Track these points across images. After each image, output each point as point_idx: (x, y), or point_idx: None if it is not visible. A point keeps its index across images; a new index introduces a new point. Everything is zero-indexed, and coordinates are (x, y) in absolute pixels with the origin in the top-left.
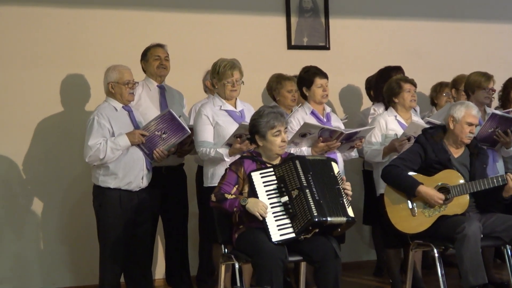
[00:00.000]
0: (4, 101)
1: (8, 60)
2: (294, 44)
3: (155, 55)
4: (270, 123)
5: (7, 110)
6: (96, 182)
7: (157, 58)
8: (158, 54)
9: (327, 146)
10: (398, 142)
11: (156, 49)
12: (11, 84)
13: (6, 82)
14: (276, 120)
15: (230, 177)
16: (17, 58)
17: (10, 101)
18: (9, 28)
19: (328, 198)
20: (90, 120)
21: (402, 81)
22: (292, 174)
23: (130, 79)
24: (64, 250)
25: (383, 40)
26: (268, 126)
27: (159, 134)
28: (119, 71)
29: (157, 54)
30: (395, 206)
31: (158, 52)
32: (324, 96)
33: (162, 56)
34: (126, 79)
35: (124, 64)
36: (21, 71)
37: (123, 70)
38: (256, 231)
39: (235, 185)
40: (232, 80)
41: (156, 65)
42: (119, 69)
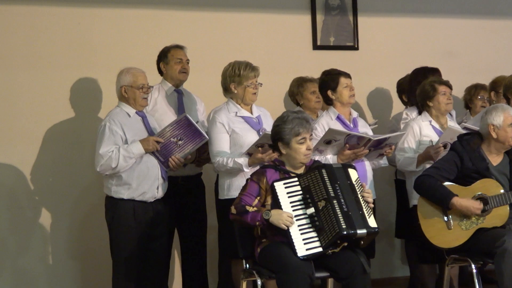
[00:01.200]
0: (11, 107)
1: (14, 63)
2: (320, 44)
3: (177, 58)
4: (294, 129)
5: (13, 116)
6: (108, 192)
7: (179, 61)
8: (180, 57)
9: (354, 153)
10: (433, 150)
11: (177, 51)
12: (17, 89)
13: (12, 86)
14: (301, 127)
15: (252, 188)
16: (24, 61)
17: (16, 106)
18: (15, 28)
19: (354, 209)
20: (101, 127)
21: (437, 83)
22: (319, 184)
23: (145, 83)
24: (74, 265)
25: (416, 40)
26: (293, 133)
27: (175, 140)
28: (133, 74)
29: (179, 57)
30: (429, 219)
31: (180, 54)
32: (352, 96)
33: (184, 60)
34: (140, 83)
35: (138, 67)
36: (28, 75)
37: (137, 73)
38: (281, 245)
39: (257, 196)
40: (253, 82)
41: (178, 69)
42: (133, 72)
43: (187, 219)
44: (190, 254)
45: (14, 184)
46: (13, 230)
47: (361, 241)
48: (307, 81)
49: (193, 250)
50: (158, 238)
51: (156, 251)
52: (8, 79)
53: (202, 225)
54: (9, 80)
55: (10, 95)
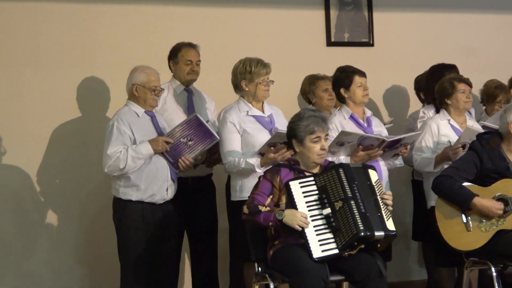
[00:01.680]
0: (15, 107)
1: (18, 61)
2: (334, 41)
3: (186, 59)
4: (309, 127)
5: (18, 116)
6: (116, 194)
7: (188, 63)
8: (190, 59)
9: (368, 155)
10: (451, 151)
11: (188, 51)
12: (22, 88)
13: (17, 85)
14: (317, 125)
15: (264, 187)
16: (29, 60)
17: (21, 106)
18: (19, 26)
19: (372, 210)
20: (109, 127)
21: (456, 81)
22: (335, 183)
23: (158, 85)
24: (81, 270)
25: (433, 36)
26: (307, 130)
27: (185, 141)
28: (147, 74)
29: (189, 58)
30: (448, 220)
31: (190, 55)
32: (365, 95)
33: (194, 61)
34: (153, 85)
35: (147, 65)
36: (33, 74)
37: (152, 73)
38: (294, 247)
39: (270, 195)
40: (265, 79)
41: (186, 71)
42: (147, 71)
43: (197, 221)
44: (200, 257)
45: (19, 186)
46: (18, 234)
47: (378, 244)
48: (319, 79)
49: (203, 252)
50: (168, 241)
51: (166, 254)
52: (13, 78)
53: (213, 227)
54: (13, 79)
55: (14, 94)
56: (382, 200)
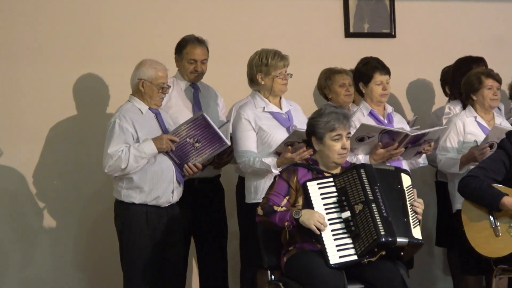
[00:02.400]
0: (10, 104)
1: (15, 55)
2: (352, 32)
3: (190, 58)
4: (330, 124)
5: (13, 114)
6: (118, 196)
7: (192, 62)
8: (194, 58)
9: (388, 152)
10: (478, 151)
11: (193, 49)
12: (17, 84)
13: (11, 81)
14: (338, 122)
15: (280, 187)
16: (26, 53)
17: (17, 103)
18: (16, 16)
19: (395, 215)
20: (110, 124)
21: (484, 75)
22: (356, 185)
23: (165, 81)
24: (82, 277)
25: (461, 25)
26: (328, 127)
27: (192, 142)
28: (155, 70)
29: (193, 57)
30: (475, 225)
31: (195, 54)
32: (384, 95)
33: (199, 60)
34: (162, 81)
35: (153, 59)
36: (31, 68)
37: (161, 69)
38: (310, 253)
39: (286, 196)
40: (283, 72)
41: (190, 70)
42: (156, 67)
43: (205, 225)
44: (209, 264)
45: (16, 189)
46: (15, 239)
47: (401, 252)
48: (335, 73)
49: (212, 259)
50: (174, 246)
51: (172, 260)
52: (9, 72)
53: (222, 231)
54: (9, 73)
55: (10, 90)
56: (412, 207)
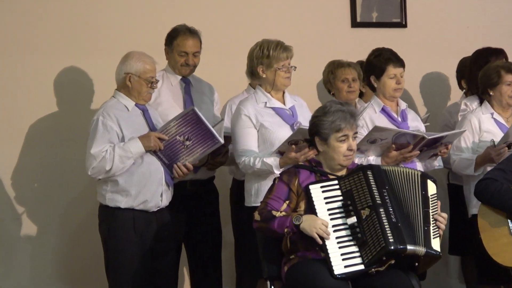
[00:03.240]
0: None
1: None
2: (360, 21)
3: (181, 50)
4: (335, 124)
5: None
6: (102, 201)
7: (183, 54)
8: (185, 50)
9: (402, 155)
10: (495, 152)
11: (184, 40)
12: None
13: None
14: (344, 122)
15: (280, 190)
16: (4, 46)
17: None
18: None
19: (408, 221)
20: (93, 122)
21: (504, 70)
22: (363, 188)
23: (154, 75)
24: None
25: (477, 15)
26: (333, 127)
27: (182, 139)
28: (144, 63)
29: (184, 49)
30: (492, 231)
31: (187, 46)
32: (398, 90)
33: (191, 52)
34: (150, 76)
35: (143, 52)
36: (9, 62)
37: (149, 62)
38: (313, 263)
39: (286, 200)
40: (286, 64)
41: (180, 63)
42: (145, 60)
43: (197, 231)
44: (202, 274)
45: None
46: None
47: (416, 262)
48: (338, 67)
49: (205, 269)
50: (164, 255)
51: (162, 270)
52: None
53: (216, 238)
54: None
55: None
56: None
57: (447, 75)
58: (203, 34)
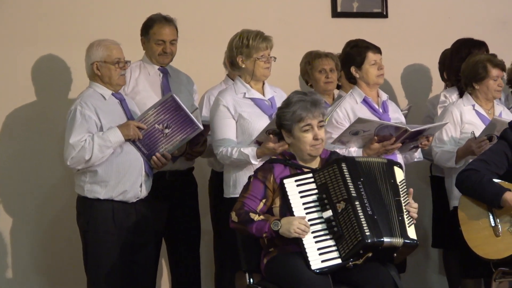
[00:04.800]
0: None
1: None
2: (340, 11)
3: (158, 39)
4: (296, 114)
5: None
6: (80, 192)
7: (160, 43)
8: (162, 38)
9: (384, 147)
10: (476, 144)
11: (161, 28)
12: None
13: None
14: (305, 111)
15: (256, 189)
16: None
17: None
18: None
19: (383, 213)
20: (71, 112)
21: (491, 65)
22: (337, 181)
23: (120, 56)
24: (40, 281)
25: (460, 5)
26: (294, 118)
27: (161, 128)
28: (106, 47)
29: (161, 37)
30: (473, 224)
31: (163, 34)
32: (380, 76)
33: (168, 40)
34: (115, 57)
35: (120, 41)
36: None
37: (111, 45)
38: (292, 256)
39: (262, 199)
40: (265, 54)
41: (158, 52)
42: (106, 44)
43: (176, 223)
44: (181, 266)
45: None
46: None
47: (394, 253)
48: (315, 58)
49: (184, 260)
50: (144, 247)
51: (141, 263)
52: None
53: (195, 230)
54: None
55: None
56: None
57: (429, 67)
58: (181, 25)
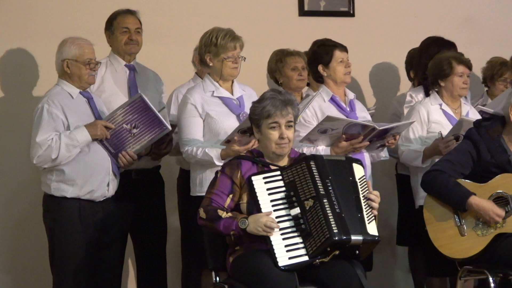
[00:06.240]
0: None
1: None
2: (307, 10)
3: (122, 27)
4: (265, 109)
5: None
6: (47, 190)
7: (125, 30)
8: (126, 26)
9: (352, 145)
10: (443, 144)
11: (124, 17)
12: None
13: None
14: (274, 108)
15: (223, 184)
16: None
17: None
18: None
19: (350, 210)
20: (38, 110)
21: (456, 61)
22: (306, 178)
23: (92, 57)
24: (6, 280)
25: (427, 4)
26: (263, 114)
27: (128, 128)
28: (79, 46)
29: (125, 25)
30: (439, 223)
31: (127, 22)
32: (347, 74)
33: (132, 28)
34: (87, 57)
35: (86, 37)
36: None
37: (84, 45)
38: (258, 254)
39: (229, 194)
40: (234, 54)
41: (124, 41)
42: (79, 43)
43: (143, 221)
44: (147, 265)
45: None
46: None
47: (356, 250)
48: (287, 55)
49: (150, 259)
50: (110, 246)
51: (108, 261)
52: None
53: (162, 229)
54: None
55: None
56: (367, 200)
57: (396, 65)
58: (149, 22)
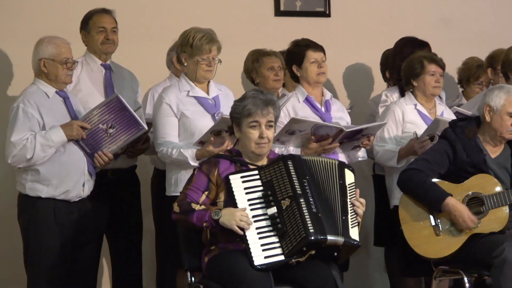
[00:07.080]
0: None
1: None
2: (283, 10)
3: (99, 26)
4: (246, 108)
5: None
6: (22, 190)
7: (101, 30)
8: (102, 26)
9: (322, 147)
10: (418, 144)
11: (100, 17)
12: None
13: None
14: (255, 107)
15: (199, 181)
16: None
17: None
18: None
19: (328, 211)
20: (13, 109)
21: (427, 60)
22: (283, 178)
23: (69, 56)
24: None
25: (402, 5)
26: (244, 112)
27: (105, 128)
28: (56, 45)
29: (102, 25)
30: (414, 223)
31: (103, 21)
32: (321, 74)
33: (109, 28)
34: (64, 57)
35: (62, 36)
36: None
37: (61, 44)
38: (234, 254)
39: (205, 191)
40: (209, 57)
41: (100, 40)
42: (56, 42)
43: (118, 221)
44: (122, 265)
45: None
46: None
47: (336, 252)
48: (263, 55)
49: (126, 259)
50: (85, 246)
51: (83, 261)
52: None
53: (137, 228)
54: None
55: None
56: (353, 206)
57: (371, 66)
58: (125, 21)
